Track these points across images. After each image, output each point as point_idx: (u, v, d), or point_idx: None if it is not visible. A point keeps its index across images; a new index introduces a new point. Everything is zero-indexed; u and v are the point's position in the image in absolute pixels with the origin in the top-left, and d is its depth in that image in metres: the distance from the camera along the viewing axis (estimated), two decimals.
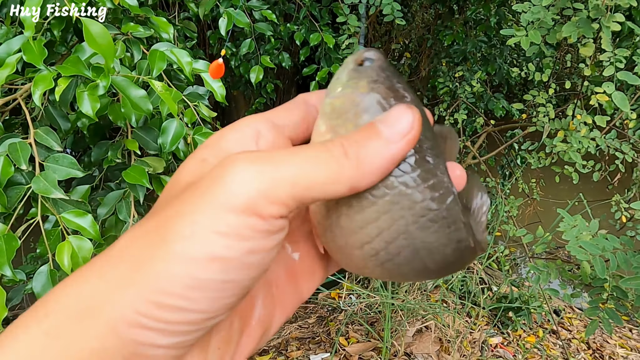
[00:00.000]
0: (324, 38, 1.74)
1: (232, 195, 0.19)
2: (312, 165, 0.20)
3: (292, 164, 0.20)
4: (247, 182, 0.19)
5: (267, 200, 0.19)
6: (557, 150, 1.85)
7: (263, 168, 0.19)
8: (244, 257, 0.19)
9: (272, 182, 0.19)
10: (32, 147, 0.81)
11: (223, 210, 0.19)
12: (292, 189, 0.19)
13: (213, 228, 0.18)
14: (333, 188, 0.20)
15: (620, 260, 0.97)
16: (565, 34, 1.23)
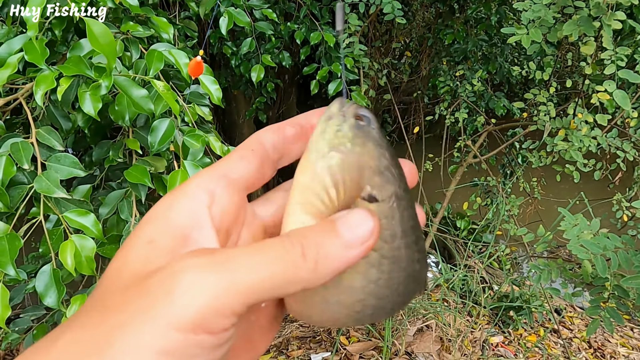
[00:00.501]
0: (324, 37, 1.74)
1: (180, 312, 0.17)
2: (269, 269, 0.19)
3: (247, 269, 0.18)
4: (197, 296, 0.18)
5: (218, 315, 0.18)
6: (558, 149, 1.85)
7: (215, 278, 0.18)
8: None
9: (224, 294, 0.18)
10: (34, 147, 0.82)
11: (170, 328, 0.17)
12: (245, 297, 0.18)
13: (157, 348, 0.17)
14: (286, 289, 0.19)
15: (621, 259, 0.97)
16: (566, 32, 1.23)
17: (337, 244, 0.20)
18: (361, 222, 0.21)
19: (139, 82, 0.93)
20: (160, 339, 0.17)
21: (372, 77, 2.65)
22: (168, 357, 0.17)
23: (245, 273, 0.18)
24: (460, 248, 3.03)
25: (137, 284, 0.19)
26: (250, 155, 0.24)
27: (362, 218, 0.21)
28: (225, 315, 0.18)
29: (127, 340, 0.17)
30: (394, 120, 4.18)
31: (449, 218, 3.29)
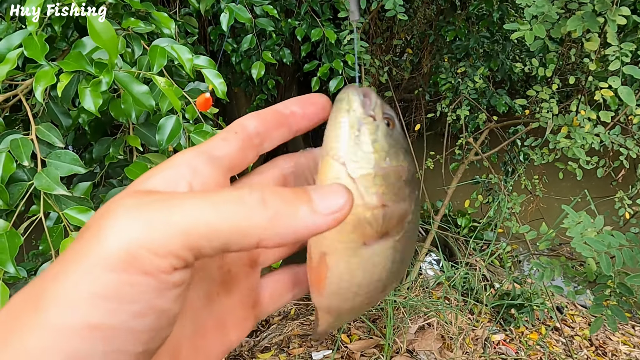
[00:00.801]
0: (325, 33, 1.73)
1: (107, 250, 0.16)
2: (215, 211, 0.17)
3: (189, 209, 0.17)
4: (125, 232, 0.16)
5: (150, 253, 0.16)
6: (560, 146, 1.84)
7: (149, 215, 0.17)
8: (130, 321, 0.16)
9: (158, 231, 0.17)
10: (34, 144, 0.81)
11: (100, 269, 0.16)
12: (185, 238, 0.17)
13: (91, 291, 0.16)
14: (238, 239, 0.18)
15: (626, 256, 0.97)
16: (570, 28, 1.22)
17: (305, 207, 0.19)
18: (336, 194, 0.20)
19: (141, 78, 0.92)
20: (93, 282, 0.16)
21: (373, 74, 2.64)
22: (104, 300, 0.16)
23: (186, 213, 0.17)
24: (462, 246, 3.03)
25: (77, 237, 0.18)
26: (232, 137, 0.23)
27: (338, 190, 0.20)
28: (161, 254, 0.17)
29: (60, 288, 0.16)
30: None
31: (450, 216, 3.29)
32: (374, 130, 0.25)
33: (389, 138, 0.25)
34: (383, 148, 0.25)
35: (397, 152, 0.25)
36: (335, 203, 0.19)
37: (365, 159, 0.24)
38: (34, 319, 0.16)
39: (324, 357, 1.81)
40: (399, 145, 0.26)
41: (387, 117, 0.26)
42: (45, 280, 0.17)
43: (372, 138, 0.25)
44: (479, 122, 2.70)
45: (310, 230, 0.19)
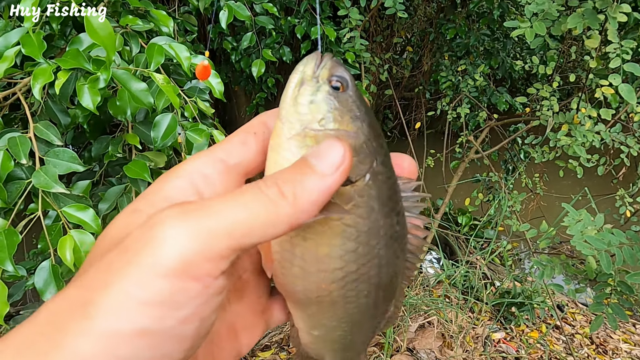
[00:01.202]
0: (325, 31, 1.72)
1: (163, 257, 0.17)
2: (248, 210, 0.19)
3: (226, 212, 0.18)
4: (179, 240, 0.17)
5: (203, 258, 0.17)
6: (561, 144, 1.83)
7: (195, 222, 0.18)
8: (177, 328, 0.17)
9: (208, 237, 0.18)
10: (32, 142, 0.80)
11: (153, 276, 0.17)
12: (229, 239, 0.18)
13: (142, 298, 0.17)
14: (272, 230, 0.19)
15: (626, 255, 0.96)
16: (571, 25, 1.21)
17: (312, 176, 0.20)
18: (331, 150, 0.21)
19: (139, 76, 0.92)
20: (146, 289, 0.17)
21: (373, 72, 2.63)
22: (154, 307, 0.17)
23: (226, 216, 0.18)
24: (462, 244, 3.03)
25: (116, 245, 0.19)
26: (251, 139, 0.24)
27: (330, 146, 0.21)
28: (212, 259, 0.18)
29: (111, 296, 0.17)
30: (395, 116, 4.17)
31: (450, 214, 3.28)
32: (313, 92, 0.24)
33: (330, 101, 0.24)
34: (319, 110, 0.24)
35: (341, 116, 0.24)
36: (334, 159, 0.20)
37: (299, 119, 0.24)
38: (85, 325, 0.16)
39: None
40: (346, 110, 0.24)
41: (337, 80, 0.24)
42: (93, 289, 0.17)
43: (309, 99, 0.24)
44: (480, 120, 2.70)
45: (326, 192, 0.20)
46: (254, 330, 0.27)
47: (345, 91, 0.25)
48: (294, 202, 0.19)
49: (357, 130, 0.24)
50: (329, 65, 0.25)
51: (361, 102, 0.25)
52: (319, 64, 0.25)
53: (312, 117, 0.24)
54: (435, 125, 3.88)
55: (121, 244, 0.18)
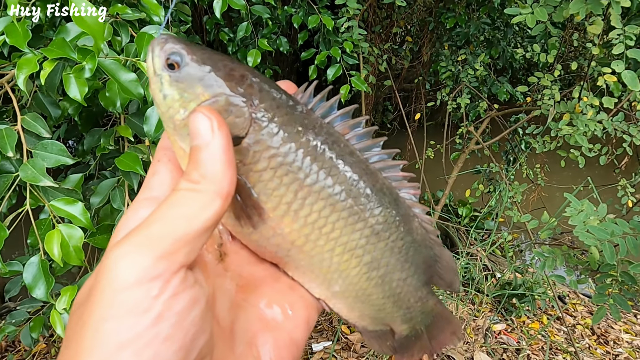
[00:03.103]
0: (322, 20, 1.69)
1: (119, 276, 0.18)
2: (177, 207, 0.20)
3: (161, 218, 0.20)
4: (128, 255, 0.19)
5: (154, 259, 0.19)
6: (562, 134, 1.81)
7: (138, 237, 0.19)
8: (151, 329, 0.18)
9: (152, 242, 0.19)
10: (20, 134, 0.78)
11: (116, 294, 0.18)
12: (172, 236, 0.19)
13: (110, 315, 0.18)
14: (209, 210, 0.20)
15: (629, 245, 0.94)
16: (573, 10, 1.18)
17: (203, 151, 0.21)
18: (194, 123, 0.21)
19: (129, 66, 0.89)
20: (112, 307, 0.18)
21: (372, 63, 2.60)
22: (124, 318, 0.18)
23: (163, 221, 0.20)
24: (463, 236, 3.01)
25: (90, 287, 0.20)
26: (160, 167, 0.25)
27: (192, 121, 0.22)
28: (163, 257, 0.19)
29: (89, 341, 0.18)
30: (395, 107, 4.13)
31: (450, 205, 3.26)
32: (160, 87, 0.23)
33: (175, 85, 0.23)
34: (174, 100, 0.23)
35: (193, 92, 0.23)
36: (202, 126, 0.21)
37: (167, 118, 0.23)
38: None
39: (324, 348, 1.81)
40: (193, 82, 0.23)
41: (170, 60, 0.23)
42: (75, 349, 0.18)
43: (161, 95, 0.23)
44: (480, 110, 2.67)
45: (223, 153, 0.21)
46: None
47: (183, 63, 0.23)
48: (207, 179, 0.20)
49: (215, 93, 0.23)
50: (157, 50, 0.24)
51: (204, 60, 0.23)
52: (151, 55, 0.24)
53: (173, 110, 0.23)
54: (435, 116, 3.85)
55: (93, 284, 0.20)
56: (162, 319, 0.18)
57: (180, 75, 0.23)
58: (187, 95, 0.23)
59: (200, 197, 0.20)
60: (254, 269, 0.28)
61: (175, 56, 0.23)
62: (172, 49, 0.23)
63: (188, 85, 0.23)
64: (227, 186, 0.21)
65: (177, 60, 0.23)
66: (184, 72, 0.23)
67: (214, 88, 0.23)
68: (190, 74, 0.23)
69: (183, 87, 0.23)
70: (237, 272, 0.27)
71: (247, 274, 0.27)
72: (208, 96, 0.23)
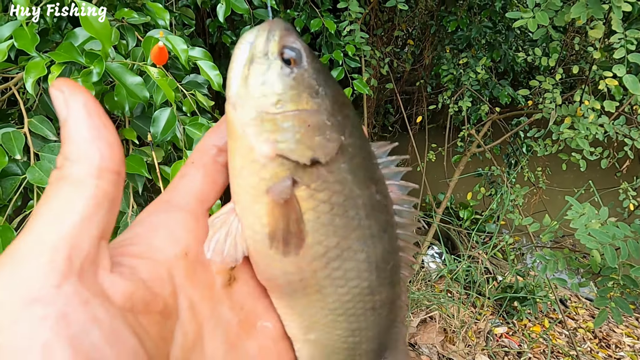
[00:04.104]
0: (325, 24, 1.70)
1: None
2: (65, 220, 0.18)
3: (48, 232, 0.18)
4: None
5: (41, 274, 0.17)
6: (564, 137, 1.81)
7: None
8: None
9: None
10: (27, 137, 0.79)
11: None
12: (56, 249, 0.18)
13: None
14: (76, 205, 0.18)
15: (631, 248, 0.95)
16: (574, 15, 1.19)
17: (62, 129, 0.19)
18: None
19: (135, 70, 0.90)
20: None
21: (374, 66, 2.61)
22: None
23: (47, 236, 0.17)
24: (464, 239, 3.01)
25: None
26: (191, 170, 0.24)
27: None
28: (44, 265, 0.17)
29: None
30: (396, 110, 4.14)
31: (451, 208, 3.27)
32: (264, 70, 0.22)
33: (284, 79, 0.22)
34: (274, 91, 0.22)
35: (299, 95, 0.22)
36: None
37: (253, 103, 0.22)
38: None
39: None
40: (303, 87, 0.22)
41: (289, 53, 0.22)
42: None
43: (261, 79, 0.22)
44: (481, 113, 2.67)
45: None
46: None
47: (300, 64, 0.23)
48: (72, 160, 0.18)
49: (318, 107, 0.22)
50: (279, 35, 0.23)
51: (319, 73, 0.23)
52: (268, 36, 0.23)
53: (267, 100, 0.22)
54: (437, 119, 3.86)
55: None
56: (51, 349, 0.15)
57: (293, 72, 0.22)
58: (291, 95, 0.22)
59: (69, 185, 0.17)
60: (256, 303, 0.26)
61: (294, 52, 0.23)
62: (293, 44, 0.23)
63: (297, 87, 0.22)
64: (98, 161, 0.18)
65: (294, 57, 0.23)
66: (298, 73, 0.22)
67: (319, 103, 0.22)
68: (303, 77, 0.22)
69: (290, 86, 0.22)
70: (239, 303, 0.25)
71: (249, 307, 0.25)
72: (312, 106, 0.22)
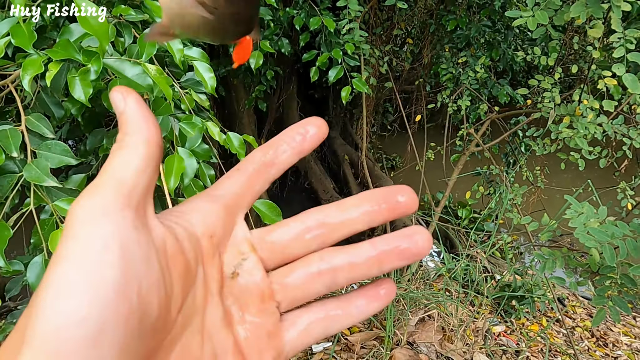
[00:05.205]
0: (324, 22, 1.70)
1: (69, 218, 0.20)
2: (119, 167, 0.21)
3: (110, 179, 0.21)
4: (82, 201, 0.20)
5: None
6: (562, 137, 1.81)
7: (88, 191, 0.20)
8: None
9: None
10: (24, 135, 0.79)
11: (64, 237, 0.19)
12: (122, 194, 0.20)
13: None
14: (134, 160, 0.21)
15: (630, 247, 0.95)
16: (574, 14, 1.19)
17: (120, 117, 0.22)
18: (113, 101, 0.23)
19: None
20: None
21: (373, 65, 2.61)
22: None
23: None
24: (462, 237, 3.02)
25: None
26: (234, 173, 0.26)
27: (112, 99, 0.23)
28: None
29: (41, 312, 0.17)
30: (395, 109, 4.14)
31: (450, 207, 3.27)
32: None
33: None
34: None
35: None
36: (118, 102, 0.22)
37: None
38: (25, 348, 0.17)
39: (324, 349, 1.81)
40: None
41: None
42: (30, 312, 0.18)
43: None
44: (480, 112, 2.67)
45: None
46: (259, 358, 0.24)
47: None
48: (129, 134, 0.22)
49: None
50: None
51: None
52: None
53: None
54: (436, 118, 3.86)
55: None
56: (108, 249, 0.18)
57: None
58: None
59: (127, 149, 0.22)
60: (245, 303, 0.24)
61: None
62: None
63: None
64: (146, 134, 0.22)
65: None
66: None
67: None
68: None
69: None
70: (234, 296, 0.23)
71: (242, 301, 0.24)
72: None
